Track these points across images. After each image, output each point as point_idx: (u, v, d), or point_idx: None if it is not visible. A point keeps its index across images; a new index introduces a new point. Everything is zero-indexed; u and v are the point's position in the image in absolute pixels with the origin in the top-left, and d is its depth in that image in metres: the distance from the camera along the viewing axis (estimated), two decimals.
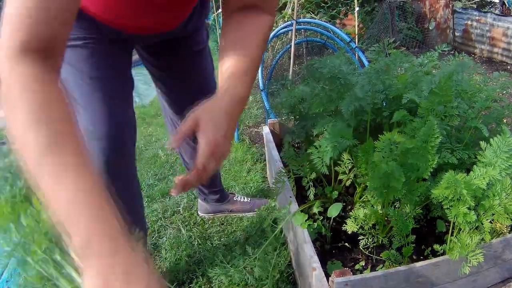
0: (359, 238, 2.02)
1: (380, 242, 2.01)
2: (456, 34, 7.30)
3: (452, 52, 2.12)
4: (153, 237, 2.61)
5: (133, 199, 1.92)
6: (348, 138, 1.92)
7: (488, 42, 6.55)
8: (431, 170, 1.76)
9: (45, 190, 0.81)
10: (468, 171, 1.76)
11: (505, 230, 1.88)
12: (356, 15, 4.72)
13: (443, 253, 1.78)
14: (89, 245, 0.78)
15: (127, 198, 1.78)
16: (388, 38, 2.10)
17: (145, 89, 5.70)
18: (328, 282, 1.61)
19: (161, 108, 2.26)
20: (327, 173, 1.97)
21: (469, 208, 1.65)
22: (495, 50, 6.45)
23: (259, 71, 3.56)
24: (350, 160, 2.13)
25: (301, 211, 2.00)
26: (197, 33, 1.93)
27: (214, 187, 2.66)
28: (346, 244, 2.09)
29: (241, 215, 2.73)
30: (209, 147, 1.07)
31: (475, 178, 1.63)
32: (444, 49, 2.32)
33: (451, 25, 7.27)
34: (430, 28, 7.36)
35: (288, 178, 2.21)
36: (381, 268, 1.89)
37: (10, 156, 1.42)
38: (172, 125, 2.25)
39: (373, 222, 1.97)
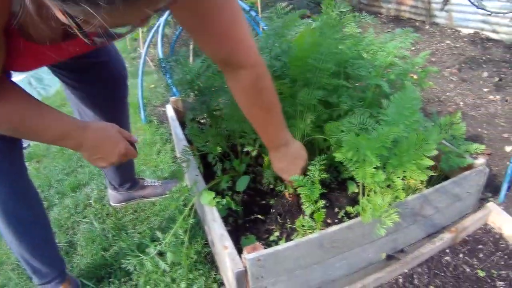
0: (272, 209, 1.98)
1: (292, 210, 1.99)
2: None
3: (353, 13, 2.09)
4: (67, 234, 2.49)
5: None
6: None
7: (395, 0, 6.65)
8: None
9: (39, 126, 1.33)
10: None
11: (421, 186, 1.88)
12: None
13: (358, 215, 1.76)
14: (70, 136, 1.38)
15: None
16: (280, 3, 2.05)
17: (50, 79, 5.46)
18: (241, 259, 1.56)
19: (67, 98, 2.14)
20: (228, 147, 1.93)
21: (376, 168, 1.63)
22: (403, 8, 6.56)
23: (159, 46, 3.46)
24: (253, 130, 2.07)
25: (211, 188, 1.94)
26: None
27: (129, 175, 2.57)
28: (259, 216, 2.04)
29: (153, 199, 2.65)
30: None
31: (378, 137, 1.59)
32: (342, 10, 2.28)
33: None
34: None
35: (194, 155, 2.13)
36: (296, 236, 1.85)
37: None
38: (80, 115, 2.13)
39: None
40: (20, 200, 1.73)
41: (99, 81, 1.99)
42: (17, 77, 5.50)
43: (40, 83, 5.79)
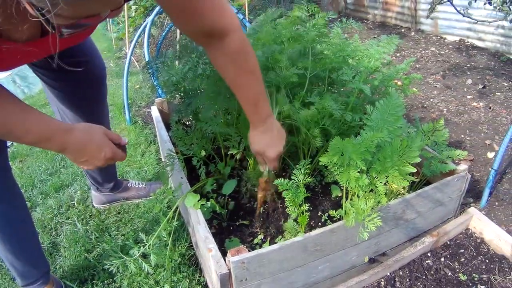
0: (256, 212, 1.99)
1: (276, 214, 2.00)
2: (348, 1, 7.42)
3: (339, 19, 2.11)
4: (50, 235, 2.47)
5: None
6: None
7: (382, 7, 6.69)
8: None
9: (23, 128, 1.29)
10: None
11: (403, 191, 1.89)
12: None
13: (341, 218, 1.77)
14: (52, 139, 1.35)
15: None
16: (271, 7, 2.06)
17: (34, 77, 5.43)
18: (225, 262, 1.57)
19: (48, 97, 2.13)
20: (212, 150, 1.93)
21: (360, 172, 1.64)
22: (389, 14, 6.60)
23: (146, 46, 3.45)
24: (238, 133, 2.08)
25: (195, 190, 1.95)
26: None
27: (110, 176, 2.55)
28: (243, 221, 2.05)
29: (137, 201, 2.64)
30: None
31: (362, 142, 1.61)
32: (331, 16, 2.29)
33: None
34: None
35: (178, 159, 2.13)
36: (280, 239, 1.86)
37: None
38: (60, 115, 2.12)
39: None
40: (6, 201, 1.71)
41: (78, 80, 1.98)
42: (1, 75, 5.49)
43: (24, 81, 5.77)
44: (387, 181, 1.74)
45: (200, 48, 2.07)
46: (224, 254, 1.60)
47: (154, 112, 2.80)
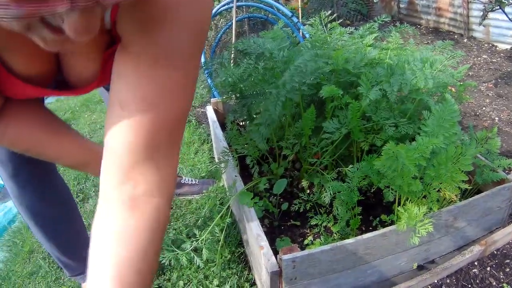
0: (307, 214, 2.02)
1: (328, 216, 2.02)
2: (401, 6, 7.35)
3: (393, 23, 2.12)
4: None
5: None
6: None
7: (434, 12, 6.61)
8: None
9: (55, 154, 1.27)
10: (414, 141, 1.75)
11: (456, 198, 1.89)
12: None
13: (392, 223, 1.78)
14: (91, 165, 1.32)
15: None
16: (325, 11, 2.08)
17: None
18: (276, 260, 1.60)
19: (102, 97, 2.18)
20: (266, 151, 1.96)
21: (414, 178, 1.66)
22: (442, 20, 6.51)
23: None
24: (293, 135, 2.12)
25: (248, 189, 1.98)
26: None
27: None
28: (294, 222, 2.09)
29: (189, 197, 2.69)
30: None
31: (417, 147, 1.62)
32: (385, 19, 2.30)
33: None
34: (375, 1, 7.39)
35: (232, 157, 2.19)
36: (331, 241, 1.89)
37: None
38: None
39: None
40: (48, 199, 1.72)
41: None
42: None
43: None
44: (440, 188, 1.75)
45: (259, 51, 2.09)
46: (274, 252, 1.63)
47: (210, 111, 2.85)
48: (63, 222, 1.83)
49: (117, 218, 0.90)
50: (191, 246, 1.80)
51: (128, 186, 0.91)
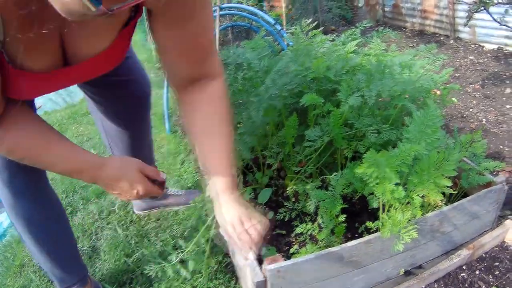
0: (293, 222, 2.01)
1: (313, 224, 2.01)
2: (386, 9, 7.39)
3: (377, 28, 2.12)
4: (91, 239, 2.53)
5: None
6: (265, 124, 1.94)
7: (420, 15, 6.64)
8: None
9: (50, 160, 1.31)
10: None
11: (441, 203, 1.89)
12: None
13: (378, 230, 1.78)
14: (82, 173, 1.35)
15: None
16: (306, 20, 2.08)
17: (75, 86, 5.54)
18: (261, 270, 1.60)
19: (90, 110, 2.18)
20: (250, 160, 1.96)
21: (397, 184, 1.66)
22: (427, 22, 6.55)
23: None
24: (276, 144, 2.11)
25: None
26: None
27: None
28: (279, 231, 2.08)
29: (176, 208, 2.68)
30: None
31: (399, 154, 1.62)
32: (366, 25, 2.31)
33: (380, 1, 7.35)
34: (360, 5, 7.43)
35: None
36: (316, 250, 1.88)
37: None
38: (102, 126, 2.15)
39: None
40: (42, 207, 1.73)
41: (121, 99, 1.98)
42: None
43: (66, 89, 5.89)
44: (424, 194, 1.74)
45: (238, 61, 2.10)
46: (260, 262, 1.62)
47: None
48: (56, 230, 1.84)
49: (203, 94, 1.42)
50: (177, 258, 1.79)
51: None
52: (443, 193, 1.93)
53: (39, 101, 1.52)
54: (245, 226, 1.43)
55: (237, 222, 1.43)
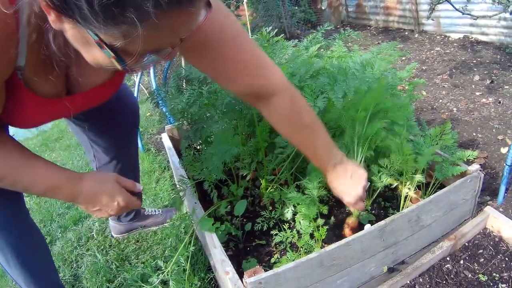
0: (272, 231, 2.00)
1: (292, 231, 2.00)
2: (349, 9, 7.45)
3: (341, 29, 2.12)
4: (71, 267, 2.49)
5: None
6: (236, 145, 1.93)
7: (383, 12, 6.70)
8: None
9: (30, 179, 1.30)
10: None
11: (417, 195, 1.95)
12: (245, 5, 4.72)
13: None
14: (61, 190, 1.34)
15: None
16: (266, 28, 2.08)
17: None
18: (243, 283, 1.58)
19: (72, 130, 2.14)
20: (224, 173, 1.95)
21: None
22: (391, 18, 6.62)
23: (152, 74, 3.46)
24: (248, 154, 2.10)
25: (209, 214, 1.96)
26: None
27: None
28: (259, 241, 2.06)
29: (155, 228, 2.65)
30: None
31: None
32: (327, 28, 2.31)
33: (344, 2, 7.41)
34: (323, 8, 7.47)
35: (190, 184, 2.15)
36: (296, 257, 1.87)
37: None
38: (88, 143, 2.11)
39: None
40: (29, 243, 1.71)
41: (110, 117, 1.97)
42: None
43: None
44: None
45: (201, 76, 2.08)
46: (242, 275, 1.60)
47: (165, 139, 2.83)
48: (46, 266, 1.84)
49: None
50: (157, 280, 1.76)
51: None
52: (419, 186, 1.94)
53: (11, 131, 1.50)
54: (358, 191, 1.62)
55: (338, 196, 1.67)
